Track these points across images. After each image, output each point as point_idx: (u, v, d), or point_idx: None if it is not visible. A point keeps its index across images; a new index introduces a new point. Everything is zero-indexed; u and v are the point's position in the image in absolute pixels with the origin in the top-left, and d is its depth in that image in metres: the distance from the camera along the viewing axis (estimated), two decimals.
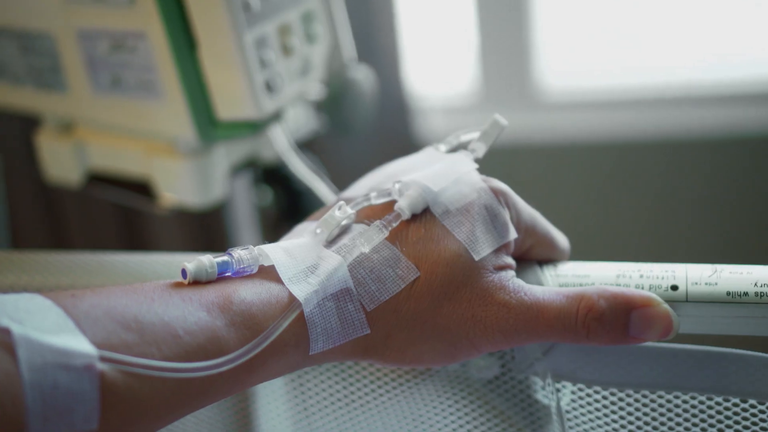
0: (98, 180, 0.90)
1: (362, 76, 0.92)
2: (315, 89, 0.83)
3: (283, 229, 1.30)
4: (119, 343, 0.43)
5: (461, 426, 0.60)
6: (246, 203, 1.13)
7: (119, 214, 1.69)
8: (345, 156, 1.64)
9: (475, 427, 0.60)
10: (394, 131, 1.68)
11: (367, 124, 1.00)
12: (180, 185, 0.82)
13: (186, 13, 0.72)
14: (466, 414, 0.60)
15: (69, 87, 0.82)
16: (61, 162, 0.90)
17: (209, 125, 0.76)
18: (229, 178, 0.87)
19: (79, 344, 0.42)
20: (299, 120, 0.94)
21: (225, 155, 0.84)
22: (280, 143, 0.85)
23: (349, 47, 0.84)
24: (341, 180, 0.98)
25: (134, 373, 0.43)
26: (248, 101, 0.73)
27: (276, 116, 0.77)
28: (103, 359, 0.42)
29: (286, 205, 1.06)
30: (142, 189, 0.87)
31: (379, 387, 0.61)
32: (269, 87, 0.74)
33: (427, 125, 1.71)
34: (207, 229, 1.67)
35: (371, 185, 0.57)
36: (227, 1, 0.70)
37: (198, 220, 1.67)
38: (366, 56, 0.91)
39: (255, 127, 0.77)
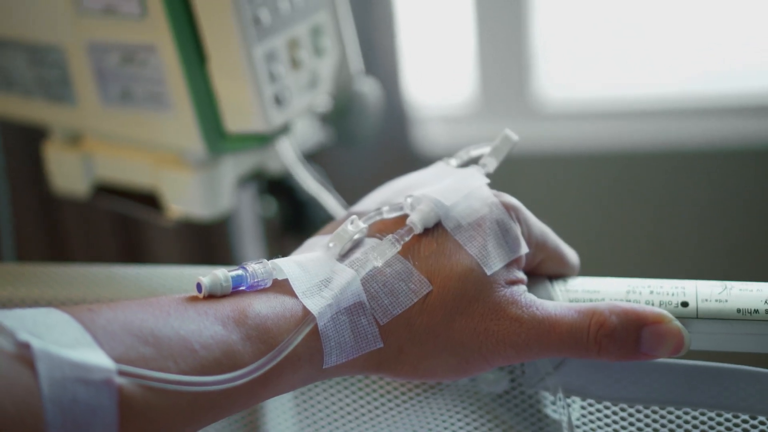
0: (105, 191, 0.90)
1: (368, 88, 0.92)
2: (322, 102, 0.83)
3: (287, 240, 1.31)
4: (137, 358, 0.43)
5: None
6: (250, 214, 1.14)
7: (119, 225, 1.70)
8: (343, 165, 1.64)
9: None
10: (393, 140, 1.68)
11: (372, 136, 1.01)
12: (187, 197, 0.83)
13: (196, 26, 0.73)
14: (476, 429, 0.60)
15: (78, 99, 0.82)
16: (69, 173, 0.90)
17: (218, 138, 0.76)
18: (235, 189, 0.87)
19: (98, 358, 0.42)
20: (305, 132, 0.94)
21: (232, 167, 0.85)
22: (288, 155, 0.85)
23: (355, 60, 0.85)
24: (339, 189, 0.99)
25: (151, 387, 0.43)
26: (257, 114, 0.73)
27: (284, 129, 0.78)
28: (121, 373, 0.42)
29: (290, 216, 1.06)
30: (149, 200, 0.88)
31: (389, 401, 0.61)
32: (278, 100, 0.74)
33: (425, 135, 1.71)
34: (208, 240, 1.67)
35: (382, 199, 0.58)
36: (238, 15, 0.70)
37: (199, 231, 1.68)
38: (365, 66, 0.92)
39: (263, 140, 0.77)
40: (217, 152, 0.78)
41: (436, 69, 1.86)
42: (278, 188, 1.04)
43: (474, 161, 0.60)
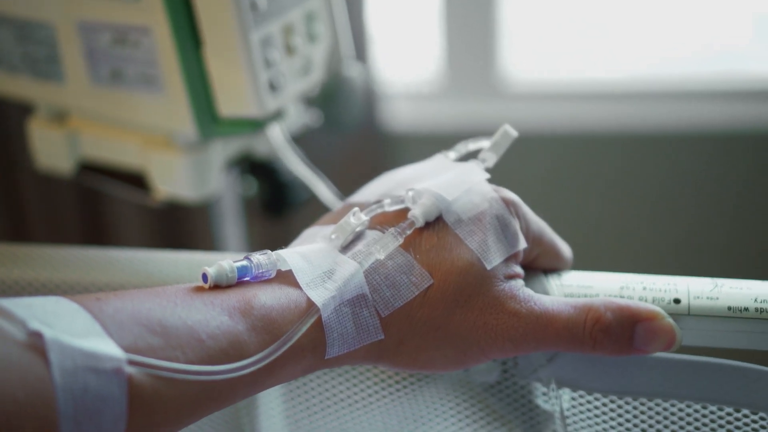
0: (90, 169, 0.89)
1: (356, 73, 0.93)
2: (315, 88, 0.83)
3: (267, 220, 1.31)
4: (145, 347, 0.44)
5: (461, 429, 0.62)
6: (231, 194, 1.14)
7: (83, 203, 1.68)
8: (311, 143, 1.65)
9: (475, 430, 0.61)
10: (360, 117, 1.69)
11: (358, 121, 1.01)
12: (175, 179, 0.83)
13: (192, 10, 0.72)
14: (467, 416, 0.61)
15: (66, 77, 0.82)
16: (53, 150, 0.89)
17: (210, 121, 0.76)
18: (223, 171, 0.87)
19: (108, 348, 0.42)
20: (291, 115, 0.94)
21: (221, 150, 0.85)
22: (277, 139, 0.85)
23: (347, 46, 0.85)
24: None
25: (160, 377, 0.43)
26: (252, 100, 0.73)
27: (277, 115, 0.78)
28: (130, 363, 0.42)
29: (271, 197, 1.06)
30: (135, 180, 0.88)
31: (383, 389, 0.62)
32: (272, 86, 0.74)
33: (392, 112, 1.72)
34: (183, 219, 1.67)
35: (382, 191, 0.58)
36: (236, 1, 0.70)
37: (166, 210, 1.67)
38: None
39: (256, 125, 0.77)
40: (209, 136, 0.78)
41: (404, 47, 1.87)
42: (259, 169, 1.04)
43: (472, 155, 0.61)
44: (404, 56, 1.87)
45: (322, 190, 0.86)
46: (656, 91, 1.77)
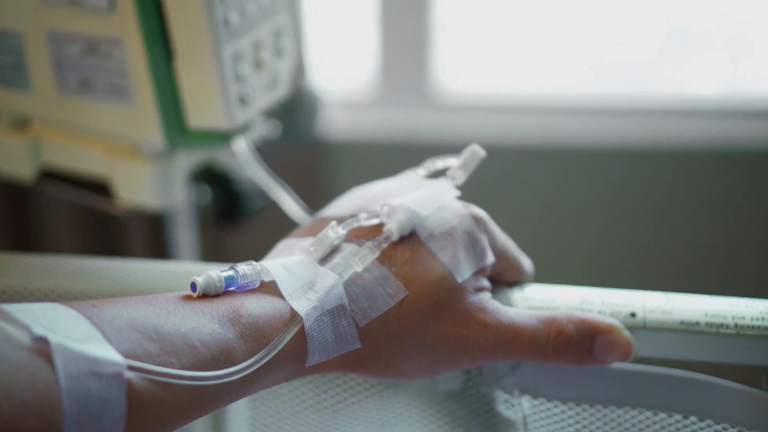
0: (52, 177, 0.90)
1: (314, 87, 0.95)
2: (281, 101, 0.86)
3: (220, 229, 1.32)
4: (143, 353, 0.45)
5: None
6: (184, 202, 1.15)
7: (6, 209, 1.66)
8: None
9: None
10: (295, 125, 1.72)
11: (314, 132, 1.04)
12: (141, 188, 0.84)
13: (166, 24, 0.74)
14: (432, 422, 0.64)
15: (33, 86, 0.83)
16: (14, 157, 0.90)
17: (179, 133, 0.78)
18: (186, 180, 0.89)
19: (108, 353, 0.44)
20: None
21: (186, 159, 0.86)
22: (241, 151, 0.87)
23: (309, 60, 0.87)
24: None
25: (157, 382, 0.45)
26: (223, 112, 0.75)
27: (245, 127, 0.80)
28: (130, 368, 0.44)
29: (224, 205, 1.08)
30: (98, 188, 0.88)
31: (351, 396, 0.64)
32: (242, 100, 0.76)
33: (326, 120, 1.75)
34: (130, 226, 1.66)
35: (355, 206, 0.61)
36: (209, 16, 0.72)
37: (104, 218, 1.66)
38: None
39: (224, 137, 0.79)
40: (177, 147, 0.79)
41: (338, 55, 1.90)
42: (214, 178, 1.06)
43: (440, 172, 0.64)
44: (339, 65, 1.90)
45: (286, 200, 0.88)
46: (584, 106, 1.83)
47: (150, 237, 1.69)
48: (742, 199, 1.84)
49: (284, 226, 1.10)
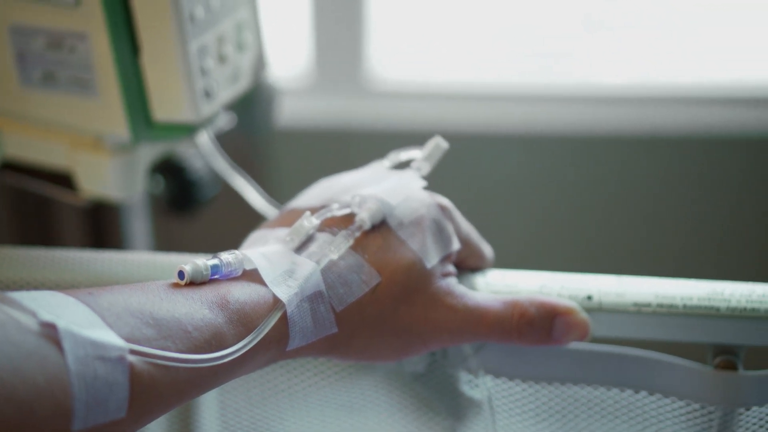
0: (12, 169, 0.91)
1: (272, 79, 0.97)
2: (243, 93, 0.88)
3: (173, 218, 1.33)
4: (142, 338, 0.48)
5: (393, 415, 0.68)
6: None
7: None
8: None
9: (405, 416, 0.68)
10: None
11: (271, 124, 1.06)
12: (104, 180, 0.85)
13: (132, 19, 0.76)
14: (398, 403, 0.67)
15: None
16: None
17: (144, 126, 0.80)
18: (149, 171, 0.90)
19: (111, 338, 0.46)
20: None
21: (149, 151, 0.88)
22: (203, 143, 0.89)
23: (268, 53, 0.90)
24: None
25: (156, 365, 0.48)
26: (188, 106, 0.77)
27: (208, 120, 0.82)
28: (132, 352, 0.47)
29: (177, 195, 1.10)
30: (59, 179, 0.89)
31: (322, 380, 0.67)
32: (207, 93, 0.78)
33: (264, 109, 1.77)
34: (86, 215, 1.66)
35: (326, 197, 0.64)
36: (176, 12, 0.74)
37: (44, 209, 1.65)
38: None
39: (188, 130, 0.81)
40: (142, 140, 0.81)
41: (271, 43, 1.91)
42: (167, 167, 1.07)
43: (405, 164, 0.67)
44: (272, 52, 1.90)
45: (249, 191, 0.90)
46: (518, 93, 1.88)
47: (87, 226, 1.69)
48: (727, 186, 1.87)
49: (236, 216, 1.12)
